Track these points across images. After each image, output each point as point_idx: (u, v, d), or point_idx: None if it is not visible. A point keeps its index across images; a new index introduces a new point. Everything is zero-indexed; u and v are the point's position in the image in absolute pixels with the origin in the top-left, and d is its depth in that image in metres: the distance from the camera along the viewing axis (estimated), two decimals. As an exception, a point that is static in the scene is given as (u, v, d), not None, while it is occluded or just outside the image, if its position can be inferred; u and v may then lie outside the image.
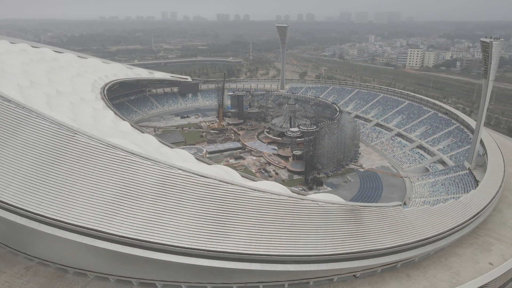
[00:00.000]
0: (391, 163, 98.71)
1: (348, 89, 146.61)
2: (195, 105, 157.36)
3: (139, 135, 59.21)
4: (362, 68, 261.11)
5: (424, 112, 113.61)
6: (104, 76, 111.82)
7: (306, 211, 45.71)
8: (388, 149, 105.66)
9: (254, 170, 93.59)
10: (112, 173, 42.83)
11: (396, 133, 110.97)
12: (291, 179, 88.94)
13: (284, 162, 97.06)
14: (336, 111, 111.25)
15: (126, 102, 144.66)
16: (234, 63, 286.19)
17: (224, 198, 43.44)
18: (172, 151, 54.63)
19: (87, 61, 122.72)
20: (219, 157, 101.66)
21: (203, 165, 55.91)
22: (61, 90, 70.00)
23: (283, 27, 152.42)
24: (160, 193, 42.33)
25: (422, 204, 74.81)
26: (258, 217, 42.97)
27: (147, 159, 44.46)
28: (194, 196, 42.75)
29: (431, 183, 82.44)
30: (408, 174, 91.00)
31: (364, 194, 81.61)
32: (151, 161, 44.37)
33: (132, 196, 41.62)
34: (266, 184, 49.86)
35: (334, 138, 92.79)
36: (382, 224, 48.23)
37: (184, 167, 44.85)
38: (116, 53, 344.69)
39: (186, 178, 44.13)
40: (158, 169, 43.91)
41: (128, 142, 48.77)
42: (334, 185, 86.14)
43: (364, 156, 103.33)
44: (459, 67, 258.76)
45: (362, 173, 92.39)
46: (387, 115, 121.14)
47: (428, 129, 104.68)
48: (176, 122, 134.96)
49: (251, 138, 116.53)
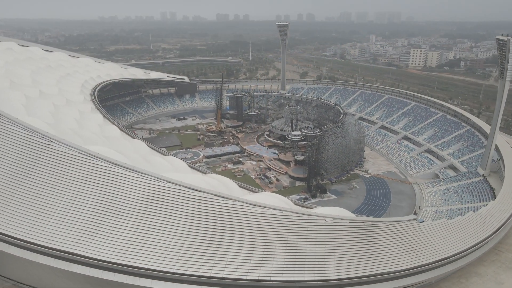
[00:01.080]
0: (398, 168, 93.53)
1: (351, 90, 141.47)
2: (193, 107, 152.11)
3: (128, 141, 54.09)
4: (364, 68, 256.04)
5: (431, 114, 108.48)
6: (96, 76, 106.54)
7: (312, 229, 40.72)
8: (395, 153, 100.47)
9: (253, 176, 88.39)
10: (91, 187, 37.75)
11: (402, 136, 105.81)
12: (293, 185, 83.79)
13: (285, 168, 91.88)
14: (339, 113, 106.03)
15: (121, 103, 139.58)
16: (233, 63, 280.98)
17: (219, 215, 38.46)
18: (163, 159, 49.52)
19: (79, 60, 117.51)
20: (217, 162, 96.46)
21: (197, 174, 50.76)
22: (45, 92, 64.82)
23: (284, 25, 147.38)
24: (147, 210, 37.34)
25: (434, 214, 69.81)
26: (258, 237, 38.01)
27: (132, 171, 39.36)
28: (185, 213, 37.79)
29: (442, 190, 77.32)
30: (417, 180, 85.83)
31: (371, 202, 76.44)
32: (137, 173, 39.29)
33: (114, 213, 36.61)
34: (266, 197, 44.71)
35: (338, 142, 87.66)
36: (397, 242, 43.17)
37: (174, 179, 39.76)
38: (114, 53, 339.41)
39: (177, 192, 39.12)
40: (144, 182, 38.84)
41: (113, 150, 43.63)
42: (338, 192, 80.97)
43: (369, 161, 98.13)
44: (463, 67, 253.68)
45: (368, 179, 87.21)
46: (392, 117, 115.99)
47: (437, 132, 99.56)
48: (173, 124, 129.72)
49: (251, 141, 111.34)
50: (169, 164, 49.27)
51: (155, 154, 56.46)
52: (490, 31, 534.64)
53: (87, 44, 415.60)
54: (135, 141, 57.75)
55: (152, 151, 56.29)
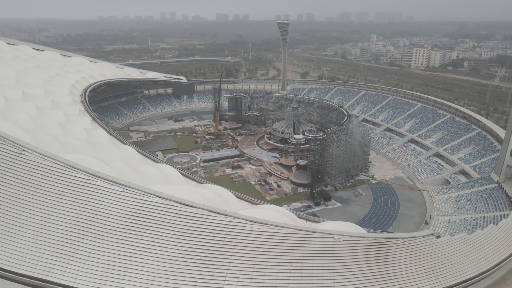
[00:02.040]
0: (405, 173, 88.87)
1: (354, 90, 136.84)
2: (191, 108, 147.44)
3: (116, 148, 49.46)
4: (366, 68, 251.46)
5: (439, 115, 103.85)
6: (89, 76, 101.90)
7: (319, 248, 36.25)
8: (402, 157, 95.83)
9: (253, 181, 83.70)
10: (68, 203, 33.11)
11: (409, 139, 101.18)
12: (295, 192, 79.11)
13: (287, 173, 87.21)
14: (343, 115, 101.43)
15: (116, 104, 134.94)
16: (232, 63, 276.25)
17: (214, 234, 33.93)
18: (154, 168, 44.89)
19: (71, 60, 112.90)
20: (215, 167, 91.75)
21: (190, 185, 46.16)
22: (29, 93, 60.15)
23: (285, 24, 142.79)
24: (131, 229, 32.79)
25: (447, 224, 65.21)
26: (258, 259, 33.61)
27: (115, 184, 34.73)
28: (175, 233, 33.28)
29: (454, 198, 72.68)
30: (426, 186, 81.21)
31: (378, 211, 71.78)
32: (121, 186, 34.65)
33: (94, 233, 32.06)
34: (267, 211, 40.06)
35: (342, 146, 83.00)
36: (414, 261, 38.69)
37: (163, 193, 35.14)
38: (112, 53, 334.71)
39: (166, 208, 34.53)
40: (129, 197, 34.21)
41: (96, 159, 38.98)
42: (343, 199, 76.30)
43: (375, 165, 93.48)
44: (467, 67, 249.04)
45: (374, 185, 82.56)
46: (398, 118, 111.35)
47: (445, 135, 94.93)
48: (169, 126, 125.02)
49: (250, 144, 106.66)
50: (160, 173, 44.61)
51: (146, 161, 51.81)
52: (491, 31, 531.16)
53: (85, 44, 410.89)
54: (124, 147, 53.09)
55: (142, 158, 51.64)
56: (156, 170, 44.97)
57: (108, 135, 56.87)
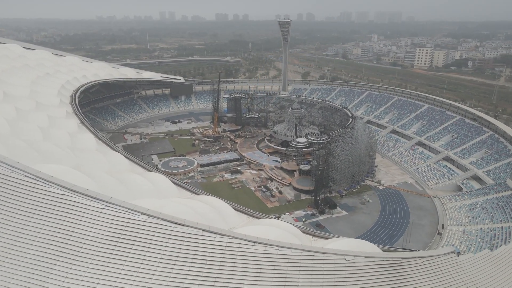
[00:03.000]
0: (414, 178, 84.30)
1: (358, 91, 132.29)
2: (188, 109, 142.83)
3: (102, 154, 44.93)
4: (368, 68, 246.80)
5: (448, 117, 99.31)
6: (81, 76, 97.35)
7: (330, 271, 31.89)
8: (409, 161, 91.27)
9: (253, 187, 79.11)
10: (40, 222, 28.70)
11: (416, 141, 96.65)
12: (298, 199, 74.50)
13: (289, 178, 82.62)
14: (347, 117, 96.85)
15: (111, 105, 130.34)
16: (232, 63, 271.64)
17: (209, 257, 29.53)
18: (143, 178, 40.35)
19: (64, 59, 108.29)
20: (213, 171, 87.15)
21: (183, 197, 41.63)
22: (11, 93, 55.51)
23: (286, 22, 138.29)
24: (113, 252, 28.45)
25: (462, 235, 60.67)
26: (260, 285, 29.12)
27: (95, 200, 30.20)
28: (164, 256, 28.94)
29: (468, 205, 68.12)
30: (437, 193, 76.61)
31: (387, 220, 67.19)
32: (102, 203, 30.14)
33: (70, 256, 27.76)
34: (270, 228, 35.49)
35: (347, 150, 78.42)
36: (435, 284, 34.26)
37: (150, 210, 30.60)
38: (110, 53, 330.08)
39: (153, 227, 30.07)
40: (111, 215, 29.71)
41: (77, 170, 34.43)
42: (349, 207, 71.69)
43: (381, 170, 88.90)
44: (471, 67, 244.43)
45: (381, 192, 77.97)
46: (404, 120, 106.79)
47: (455, 138, 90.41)
48: (166, 128, 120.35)
49: (250, 147, 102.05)
50: (150, 184, 40.07)
51: (136, 169, 47.24)
52: (493, 30, 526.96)
53: (83, 43, 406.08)
54: (112, 153, 48.50)
55: (132, 166, 47.07)
56: (145, 180, 40.40)
57: (96, 140, 52.26)
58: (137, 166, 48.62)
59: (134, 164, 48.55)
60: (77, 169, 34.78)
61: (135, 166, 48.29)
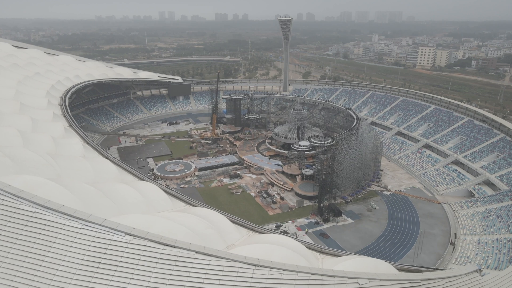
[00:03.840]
0: (422, 183, 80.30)
1: (361, 91, 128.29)
2: (186, 109, 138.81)
3: (89, 162, 40.91)
4: (370, 68, 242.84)
5: (456, 119, 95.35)
6: (74, 76, 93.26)
7: (341, 299, 27.60)
8: (416, 165, 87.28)
9: (253, 193, 75.08)
10: (7, 244, 24.63)
11: (423, 144, 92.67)
12: (301, 206, 70.47)
13: (291, 183, 78.60)
14: (351, 118, 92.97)
15: (107, 106, 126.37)
16: (231, 63, 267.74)
17: (203, 284, 25.43)
18: (131, 189, 36.37)
19: (56, 58, 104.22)
20: (211, 176, 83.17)
21: (176, 209, 37.63)
22: (-7, 95, 51.40)
23: (286, 20, 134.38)
24: (92, 279, 24.36)
25: (476, 245, 56.65)
26: (261, 319, 25.00)
27: (72, 218, 26.15)
28: (151, 283, 24.83)
29: (481, 213, 64.12)
30: (447, 199, 72.62)
31: (396, 228, 63.18)
32: (80, 222, 26.06)
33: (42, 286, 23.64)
34: (272, 247, 31.44)
35: (352, 153, 74.42)
36: (459, 311, 30.04)
37: (136, 229, 26.54)
38: (108, 52, 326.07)
39: (140, 250, 26.01)
40: (90, 236, 25.63)
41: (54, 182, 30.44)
42: (355, 214, 67.67)
43: (387, 174, 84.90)
44: (474, 67, 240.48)
45: (388, 198, 73.95)
46: (409, 122, 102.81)
47: (464, 140, 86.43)
48: (163, 130, 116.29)
49: (250, 150, 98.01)
50: (139, 196, 36.05)
51: (126, 177, 43.19)
52: (494, 30, 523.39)
53: (81, 43, 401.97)
54: (100, 160, 44.46)
55: (121, 173, 43.03)
56: (134, 191, 36.37)
57: (83, 145, 48.22)
58: (127, 174, 44.56)
59: (124, 172, 44.50)
60: (56, 180, 30.81)
61: (125, 174, 44.24)
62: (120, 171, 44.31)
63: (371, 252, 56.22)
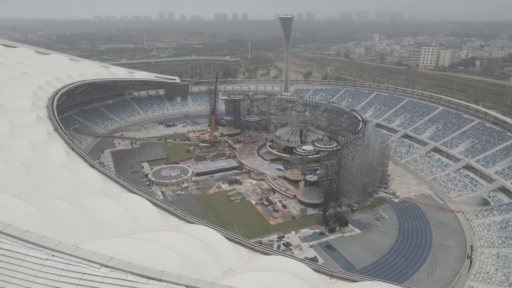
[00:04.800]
0: (432, 189, 75.90)
1: (365, 92, 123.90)
2: (184, 111, 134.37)
3: (69, 173, 36.46)
4: (372, 68, 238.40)
5: (465, 121, 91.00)
6: (65, 76, 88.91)
7: None
8: (425, 170, 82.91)
9: (254, 200, 70.70)
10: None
11: (432, 147, 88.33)
12: (304, 214, 66.07)
13: (294, 189, 74.22)
14: (356, 120, 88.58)
15: (101, 107, 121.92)
16: (231, 63, 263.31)
17: (194, 328, 20.97)
18: (115, 204, 31.96)
19: (47, 58, 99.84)
20: (209, 181, 78.79)
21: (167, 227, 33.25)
22: (-30, 97, 46.92)
23: (288, 18, 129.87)
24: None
25: (495, 260, 52.19)
26: None
27: (37, 247, 21.75)
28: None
29: (498, 223, 59.72)
30: (460, 207, 68.24)
31: (407, 239, 58.79)
32: (46, 251, 21.64)
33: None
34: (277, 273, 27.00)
35: (359, 158, 70.03)
36: None
37: (116, 258, 22.10)
38: (105, 52, 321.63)
39: (117, 284, 21.49)
40: (58, 269, 21.18)
41: (23, 198, 26.02)
42: (363, 224, 63.27)
43: (395, 179, 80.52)
44: (479, 67, 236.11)
45: (397, 205, 69.55)
46: (416, 124, 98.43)
47: (475, 144, 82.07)
48: (159, 132, 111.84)
49: (250, 153, 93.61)
50: (124, 212, 31.62)
51: (112, 188, 38.74)
52: (495, 30, 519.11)
53: (78, 43, 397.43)
54: (84, 170, 40.01)
55: (107, 185, 38.54)
56: (118, 206, 31.91)
57: (67, 152, 43.74)
58: (115, 185, 40.06)
59: (110, 182, 40.01)
60: (24, 197, 26.44)
61: (112, 184, 39.75)
62: (106, 181, 39.85)
63: (382, 268, 51.83)
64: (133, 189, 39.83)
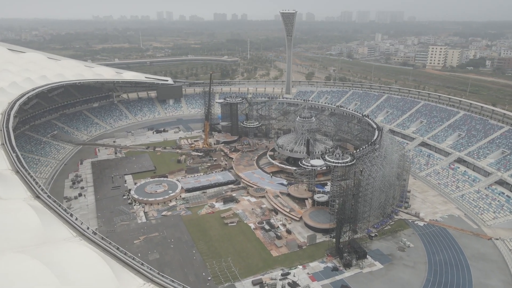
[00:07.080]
0: (461, 209, 65.08)
1: (374, 94, 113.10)
2: (177, 115, 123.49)
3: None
4: (377, 68, 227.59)
5: (492, 127, 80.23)
6: (39, 77, 78.21)
7: None
8: (450, 184, 72.08)
9: (252, 224, 59.78)
10: None
11: (455, 158, 77.55)
12: (313, 242, 55.15)
13: (299, 210, 63.34)
14: (368, 126, 77.90)
15: (85, 110, 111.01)
16: (229, 63, 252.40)
17: None
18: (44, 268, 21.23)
19: (22, 56, 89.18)
20: (201, 199, 67.93)
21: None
22: None
23: (290, 14, 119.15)
24: None
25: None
26: None
27: None
28: None
29: (550, 256, 48.92)
30: (498, 232, 57.38)
31: (440, 278, 47.83)
32: None
33: None
34: None
35: (376, 172, 59.14)
36: None
37: None
38: (100, 52, 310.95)
39: None
40: None
41: None
42: (384, 256, 52.37)
43: (416, 197, 69.69)
44: (489, 67, 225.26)
45: (423, 230, 58.67)
46: (435, 130, 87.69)
47: (507, 155, 71.24)
48: (148, 139, 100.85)
49: (249, 164, 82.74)
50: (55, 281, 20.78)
51: (55, 232, 27.88)
52: (499, 30, 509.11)
53: (73, 42, 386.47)
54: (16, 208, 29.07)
55: (47, 228, 27.67)
56: (46, 271, 21.08)
57: (3, 177, 32.84)
58: (61, 226, 29.21)
59: (54, 222, 29.16)
60: None
61: (56, 225, 28.91)
62: (50, 221, 29.02)
63: (414, 320, 40.95)
64: (86, 233, 28.98)
